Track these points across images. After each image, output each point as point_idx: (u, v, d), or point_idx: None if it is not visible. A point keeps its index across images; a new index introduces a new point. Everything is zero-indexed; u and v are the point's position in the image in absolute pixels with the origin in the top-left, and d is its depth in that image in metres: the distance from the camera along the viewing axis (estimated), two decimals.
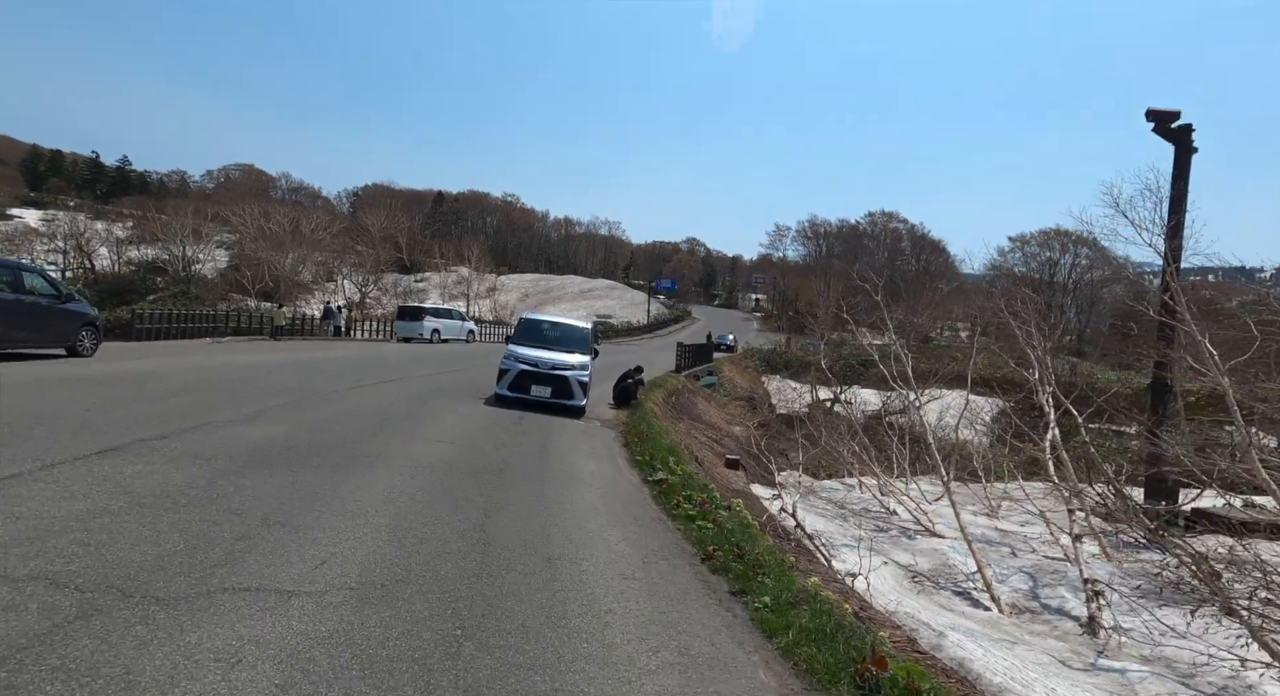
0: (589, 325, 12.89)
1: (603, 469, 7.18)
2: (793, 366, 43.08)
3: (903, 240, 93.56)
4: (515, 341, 11.84)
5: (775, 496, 9.29)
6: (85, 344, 11.51)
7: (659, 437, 9.62)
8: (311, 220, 73.66)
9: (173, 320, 20.60)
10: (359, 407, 8.75)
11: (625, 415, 12.22)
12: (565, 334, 12.31)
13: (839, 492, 14.31)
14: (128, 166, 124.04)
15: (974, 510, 12.45)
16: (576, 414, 11.21)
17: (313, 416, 7.67)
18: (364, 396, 9.91)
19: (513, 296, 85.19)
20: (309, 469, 5.32)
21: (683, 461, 7.82)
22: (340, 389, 10.36)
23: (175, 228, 61.03)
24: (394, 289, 70.18)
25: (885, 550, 8.78)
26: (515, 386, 10.97)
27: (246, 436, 6.22)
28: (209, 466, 5.01)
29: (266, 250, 57.36)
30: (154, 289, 56.09)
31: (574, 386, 11.01)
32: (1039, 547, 9.37)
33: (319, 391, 9.77)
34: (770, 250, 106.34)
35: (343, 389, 10.40)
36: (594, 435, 9.61)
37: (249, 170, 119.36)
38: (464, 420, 9.01)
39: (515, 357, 11.14)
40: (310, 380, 11.09)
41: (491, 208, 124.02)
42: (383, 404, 9.40)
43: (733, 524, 5.23)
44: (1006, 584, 7.68)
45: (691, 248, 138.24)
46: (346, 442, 6.49)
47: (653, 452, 8.09)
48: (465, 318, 34.01)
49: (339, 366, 14.17)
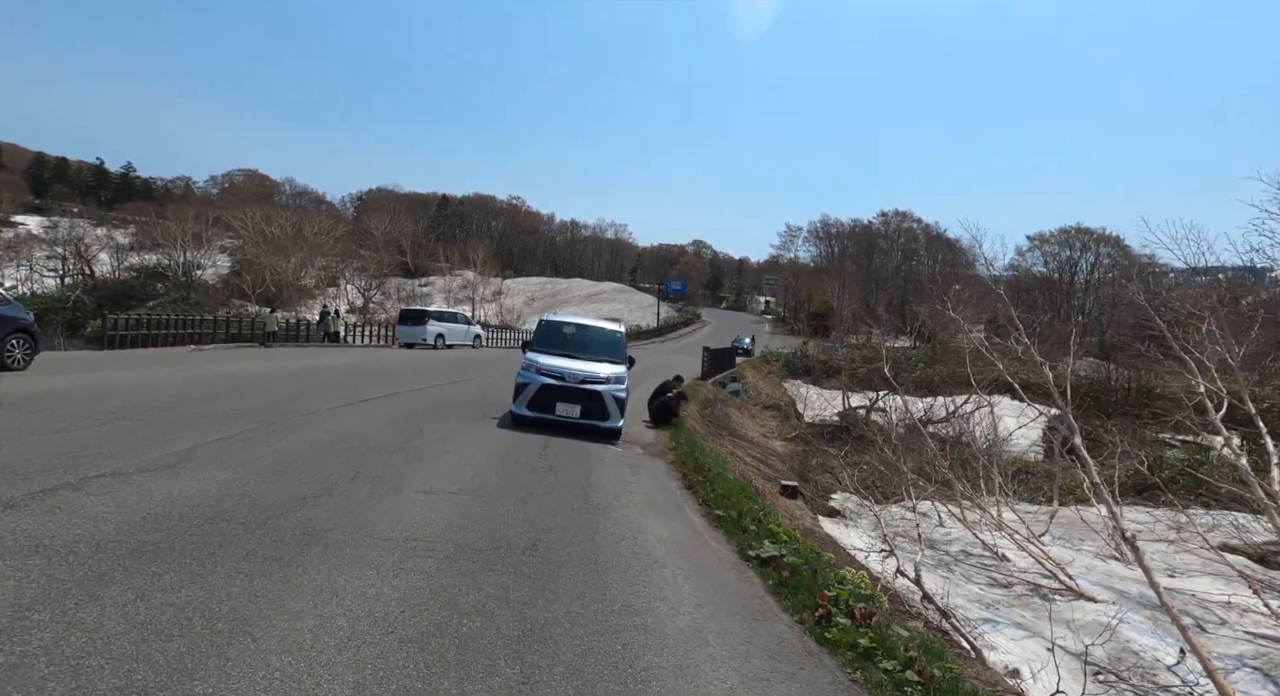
0: (621, 329, 10.77)
1: (674, 531, 5.08)
2: (815, 371, 40.90)
3: (919, 239, 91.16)
4: (534, 348, 9.75)
5: (880, 549, 7.17)
6: (15, 355, 9.52)
7: (721, 471, 7.53)
8: (314, 224, 72.12)
9: (152, 327, 18.67)
10: (335, 437, 6.68)
11: (667, 436, 10.13)
12: (594, 339, 10.18)
13: (913, 521, 12.12)
14: (132, 173, 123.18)
15: (1094, 551, 10.29)
16: (612, 437, 9.12)
17: (267, 454, 5.61)
18: (346, 418, 7.85)
19: (519, 300, 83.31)
20: (225, 566, 3.25)
21: (773, 515, 5.71)
22: (319, 409, 8.30)
23: (176, 233, 59.72)
24: (397, 293, 68.54)
25: (1030, 623, 6.65)
26: (536, 404, 8.89)
27: (154, 495, 4.17)
28: (46, 567, 2.94)
29: (268, 255, 55.78)
30: (155, 295, 54.82)
31: (609, 404, 8.91)
32: (1227, 616, 7.20)
33: (290, 414, 7.72)
34: (781, 251, 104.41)
35: (323, 409, 8.35)
36: (641, 468, 7.52)
37: (253, 175, 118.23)
38: (472, 452, 6.93)
39: (536, 368, 9.05)
40: (286, 397, 9.05)
41: (496, 211, 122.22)
42: (368, 429, 7.34)
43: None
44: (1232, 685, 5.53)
45: (698, 250, 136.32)
46: (304, 502, 4.42)
47: (728, 497, 6.00)
48: (471, 321, 31.97)
49: (327, 378, 12.14)
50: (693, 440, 9.57)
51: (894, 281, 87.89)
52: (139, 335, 17.04)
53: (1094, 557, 9.81)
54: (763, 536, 4.73)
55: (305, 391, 9.95)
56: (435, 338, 27.02)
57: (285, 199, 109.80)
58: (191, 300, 50.87)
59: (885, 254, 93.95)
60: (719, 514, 5.35)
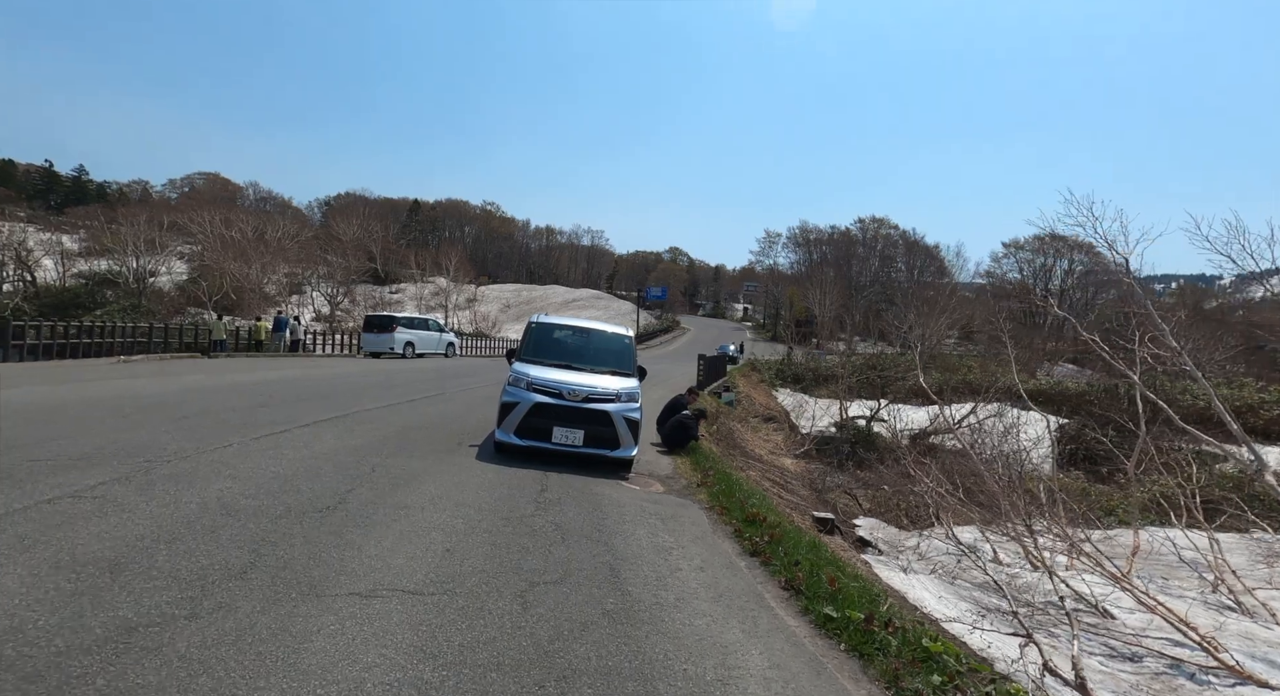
0: (630, 333, 8.68)
1: (774, 654, 3.14)
2: (805, 379, 39.40)
3: (897, 246, 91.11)
4: (524, 357, 7.78)
5: (979, 626, 5.33)
6: None
7: (779, 520, 5.63)
8: (277, 228, 68.85)
9: (69, 334, 16.16)
10: (243, 490, 4.62)
11: (687, 465, 8.22)
12: (598, 346, 8.18)
13: (952, 555, 10.33)
14: (84, 176, 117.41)
15: (1192, 593, 8.62)
16: (623, 469, 7.18)
17: (110, 531, 3.55)
18: (272, 455, 5.77)
19: (493, 307, 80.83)
20: None
21: (898, 611, 3.82)
22: (236, 441, 6.19)
23: (127, 237, 56.28)
24: (366, 301, 65.59)
25: None
26: (528, 429, 6.91)
27: None
28: None
29: (228, 260, 52.72)
30: (104, 302, 51.38)
31: (620, 427, 6.96)
32: None
33: (187, 450, 5.61)
34: (761, 256, 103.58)
35: (241, 441, 6.23)
36: (675, 520, 5.57)
37: (214, 179, 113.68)
38: (444, 506, 4.92)
39: (526, 382, 7.06)
40: (194, 424, 6.90)
41: (470, 216, 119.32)
42: (299, 473, 5.28)
43: None
44: None
45: (674, 257, 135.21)
46: (124, 645, 2.40)
47: (816, 571, 4.11)
48: (444, 328, 29.64)
49: (263, 396, 9.96)
50: (723, 472, 7.66)
51: (873, 288, 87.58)
52: (45, 345, 14.57)
53: (1203, 606, 8.14)
54: (913, 654, 2.83)
55: (228, 414, 7.80)
56: (404, 346, 24.73)
57: (249, 204, 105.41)
58: (143, 308, 47.59)
59: (863, 260, 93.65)
60: (829, 614, 3.44)
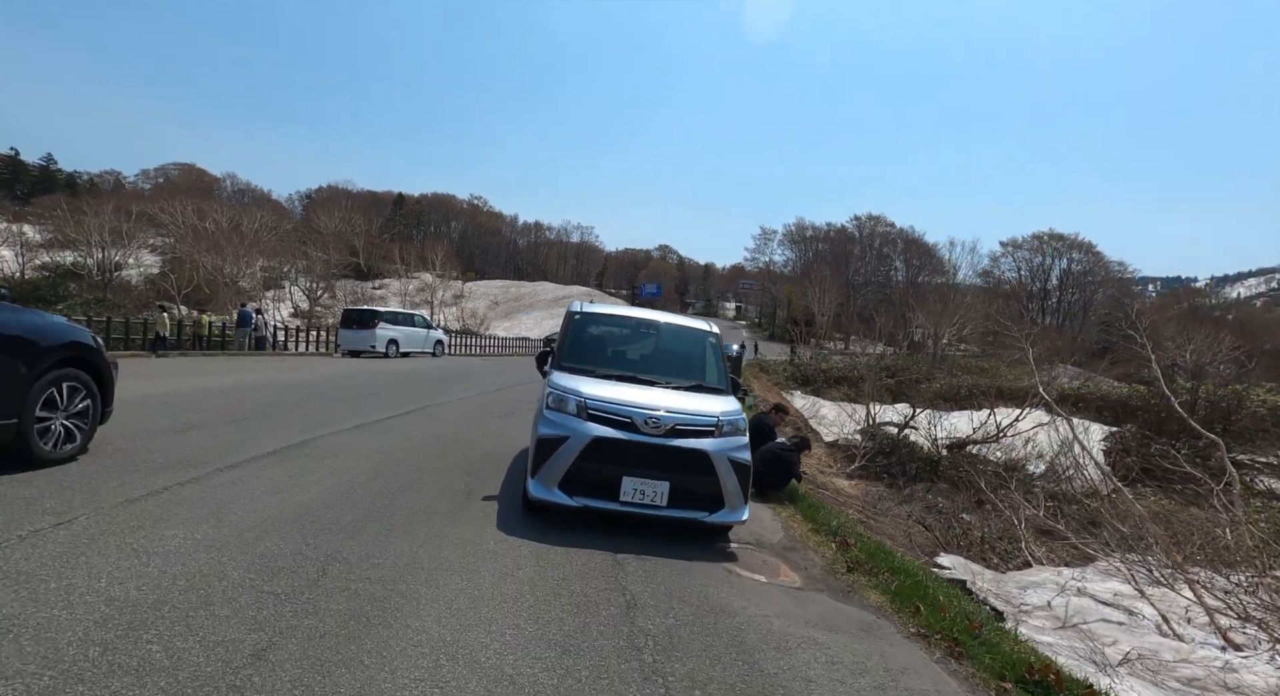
0: (715, 328, 5.92)
1: None
2: (815, 381, 37.28)
3: (896, 244, 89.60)
4: (565, 364, 5.25)
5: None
6: (55, 425, 4.54)
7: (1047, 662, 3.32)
8: (254, 219, 65.61)
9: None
10: (37, 657, 2.21)
11: (799, 521, 5.85)
12: (671, 347, 5.64)
13: (1113, 622, 7.98)
14: (52, 165, 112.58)
15: None
16: (716, 534, 4.82)
17: None
18: (137, 546, 3.35)
19: (481, 304, 78.09)
20: None
21: None
22: (81, 512, 3.75)
23: (93, 228, 53.08)
24: (347, 296, 62.54)
25: None
26: (582, 480, 4.38)
27: None
28: None
29: (200, 252, 49.72)
30: (67, 296, 48.37)
31: (726, 477, 4.45)
32: None
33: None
34: (756, 254, 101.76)
35: (112, 502, 3.80)
36: (877, 672, 3.23)
37: (189, 170, 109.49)
38: (454, 673, 2.53)
39: (578, 404, 4.55)
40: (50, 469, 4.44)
41: (456, 211, 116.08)
42: (172, 591, 2.86)
43: None
44: None
45: (664, 255, 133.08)
46: None
47: None
48: (432, 324, 27.02)
49: (188, 414, 7.45)
50: (875, 544, 5.29)
51: (871, 287, 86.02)
52: None
53: None
54: None
55: (126, 442, 5.33)
56: (387, 344, 22.14)
57: (226, 196, 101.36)
58: (107, 302, 44.53)
59: (860, 258, 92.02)
60: None
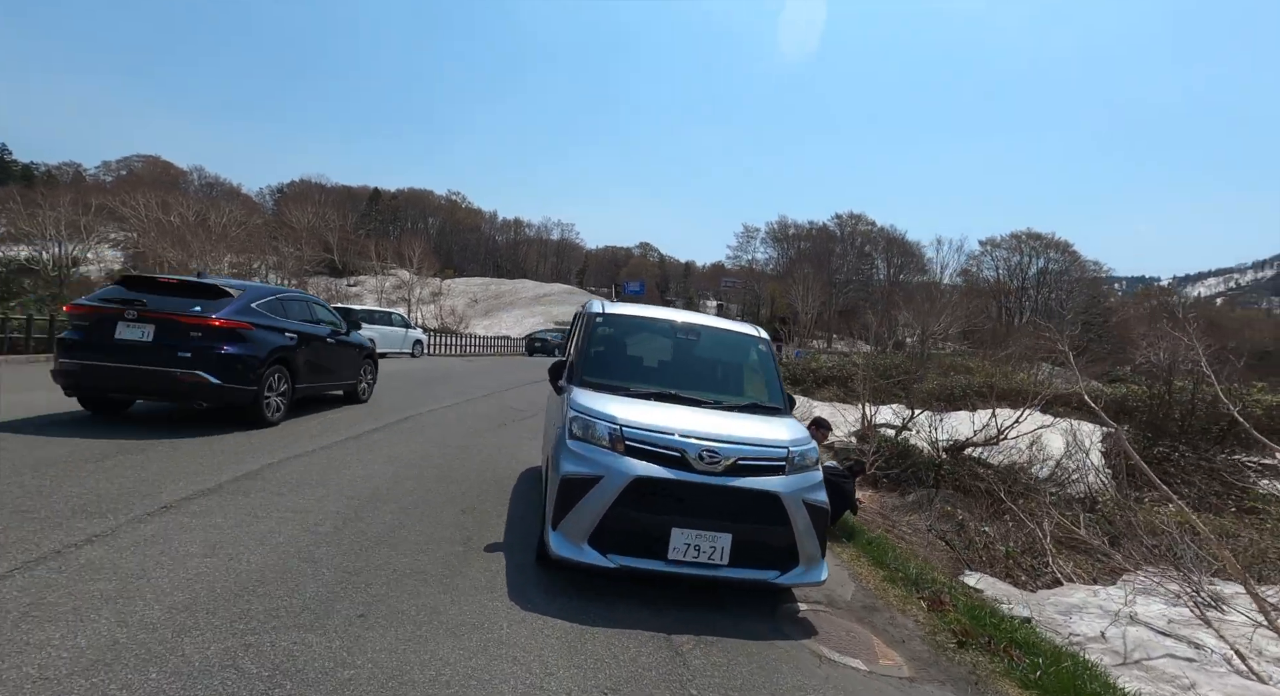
0: (764, 334, 4.95)
1: None
2: (805, 381, 36.73)
3: (877, 242, 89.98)
4: (588, 379, 4.18)
5: None
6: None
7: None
8: (223, 213, 63.23)
9: None
10: None
11: (867, 565, 5.02)
12: (713, 357, 4.72)
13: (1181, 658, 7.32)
14: (7, 155, 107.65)
15: None
16: (785, 594, 3.93)
17: None
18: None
19: (460, 301, 76.35)
20: None
21: None
22: None
23: (47, 221, 50.51)
24: (322, 294, 60.62)
25: None
26: (622, 533, 3.31)
27: None
28: None
29: (166, 247, 47.47)
30: (19, 293, 45.85)
31: (801, 526, 3.47)
32: None
33: None
34: (739, 252, 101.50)
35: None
36: None
37: (153, 162, 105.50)
38: None
39: (611, 432, 3.48)
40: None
41: (434, 207, 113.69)
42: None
43: None
44: None
45: (645, 253, 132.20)
46: None
47: None
48: (410, 323, 25.74)
49: (110, 438, 6.37)
50: (981, 604, 4.48)
51: (852, 285, 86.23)
52: None
53: None
54: None
55: None
56: None
57: (194, 189, 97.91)
58: (64, 298, 42.34)
59: (841, 257, 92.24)
60: None
